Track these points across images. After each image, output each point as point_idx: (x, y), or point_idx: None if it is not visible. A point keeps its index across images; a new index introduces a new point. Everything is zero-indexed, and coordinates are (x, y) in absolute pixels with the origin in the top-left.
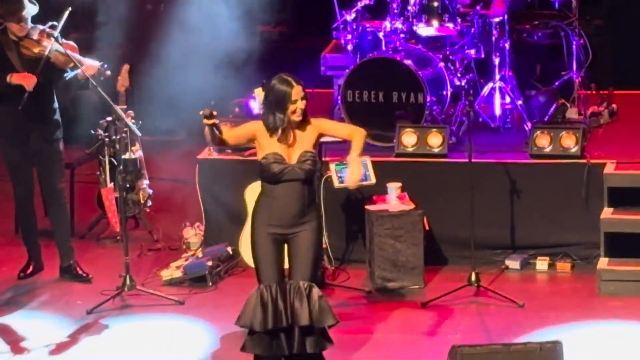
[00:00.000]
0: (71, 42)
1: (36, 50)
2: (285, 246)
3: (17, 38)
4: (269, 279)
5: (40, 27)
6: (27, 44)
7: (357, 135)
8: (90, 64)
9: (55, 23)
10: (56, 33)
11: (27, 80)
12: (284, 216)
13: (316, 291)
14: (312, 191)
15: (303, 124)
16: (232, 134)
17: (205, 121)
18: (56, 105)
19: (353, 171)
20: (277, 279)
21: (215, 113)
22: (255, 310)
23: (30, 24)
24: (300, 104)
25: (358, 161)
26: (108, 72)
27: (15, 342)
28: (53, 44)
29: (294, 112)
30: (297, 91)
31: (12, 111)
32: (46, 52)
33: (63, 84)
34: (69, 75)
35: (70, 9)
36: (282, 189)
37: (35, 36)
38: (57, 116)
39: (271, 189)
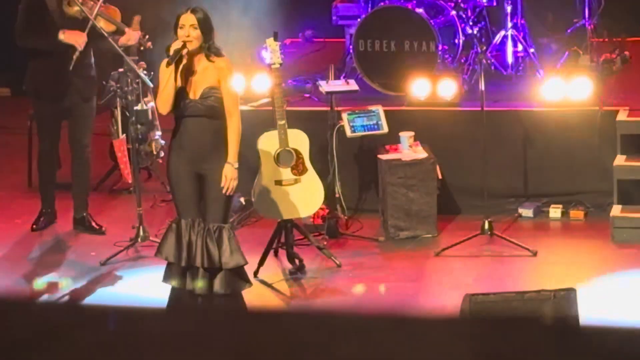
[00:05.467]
0: (114, 7)
1: (77, 9)
2: None
3: None
4: (185, 214)
5: None
6: (70, 3)
7: (231, 125)
8: (131, 34)
9: None
10: None
11: (79, 40)
12: (192, 149)
13: (226, 233)
14: (220, 128)
15: (210, 61)
16: (166, 85)
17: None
18: (93, 61)
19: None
20: (194, 214)
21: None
22: (169, 243)
23: None
24: (187, 31)
25: (230, 170)
26: (149, 44)
27: (29, 294)
28: (98, 7)
29: (182, 39)
30: (185, 18)
31: (55, 69)
32: (92, 15)
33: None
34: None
35: None
36: (187, 124)
37: None
38: (94, 73)
39: (179, 123)
